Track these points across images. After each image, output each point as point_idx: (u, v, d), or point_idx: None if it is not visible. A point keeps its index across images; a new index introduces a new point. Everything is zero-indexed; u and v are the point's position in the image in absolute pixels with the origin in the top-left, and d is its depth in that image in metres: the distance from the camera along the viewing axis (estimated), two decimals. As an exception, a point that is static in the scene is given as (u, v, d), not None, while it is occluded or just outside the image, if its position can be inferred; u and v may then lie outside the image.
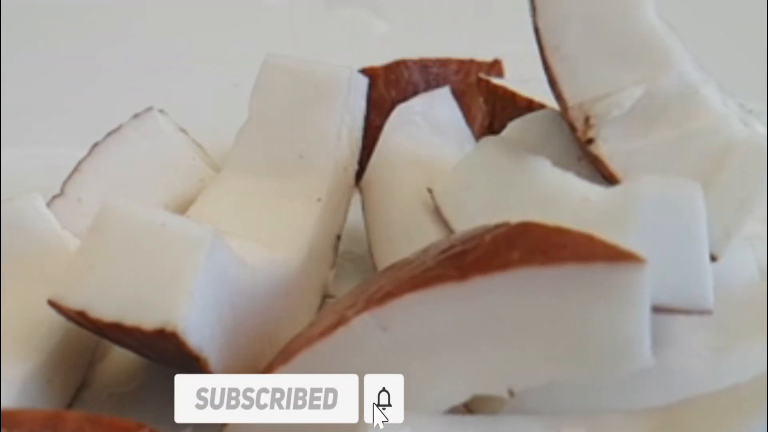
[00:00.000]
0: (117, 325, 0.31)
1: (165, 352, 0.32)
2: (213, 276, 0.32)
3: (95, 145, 0.45)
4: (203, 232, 0.32)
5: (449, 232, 0.38)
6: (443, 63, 0.52)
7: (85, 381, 0.37)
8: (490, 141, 0.39)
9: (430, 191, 0.40)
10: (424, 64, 0.51)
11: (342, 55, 0.46)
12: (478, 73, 0.50)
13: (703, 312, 0.32)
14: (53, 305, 0.32)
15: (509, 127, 0.41)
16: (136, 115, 0.47)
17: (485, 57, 0.53)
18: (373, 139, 0.44)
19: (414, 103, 0.45)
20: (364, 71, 0.47)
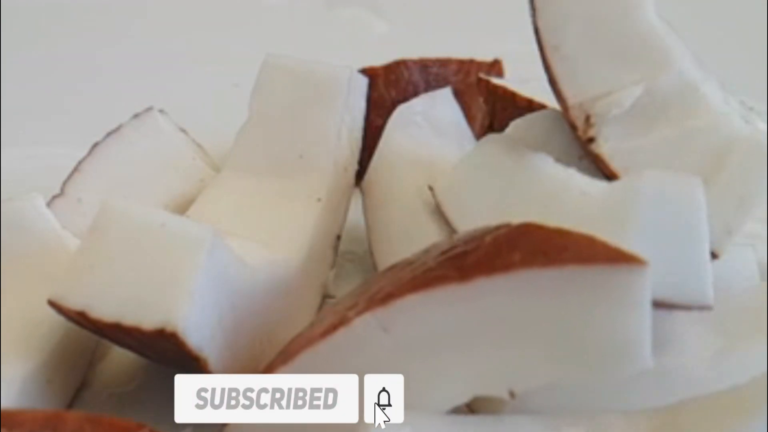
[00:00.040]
0: (117, 325, 0.31)
1: (165, 352, 0.32)
2: (213, 276, 0.32)
3: (95, 145, 0.45)
4: (203, 232, 0.32)
5: (450, 232, 0.38)
6: (443, 63, 0.52)
7: (85, 381, 0.37)
8: (491, 138, 0.39)
9: (430, 188, 0.40)
10: (424, 64, 0.51)
11: (342, 55, 0.46)
12: (478, 73, 0.50)
13: (703, 308, 0.32)
14: (53, 305, 0.32)
15: (510, 127, 0.41)
16: (136, 115, 0.47)
17: (485, 57, 0.53)
18: (373, 139, 0.44)
19: (415, 104, 0.45)
20: (364, 71, 0.47)
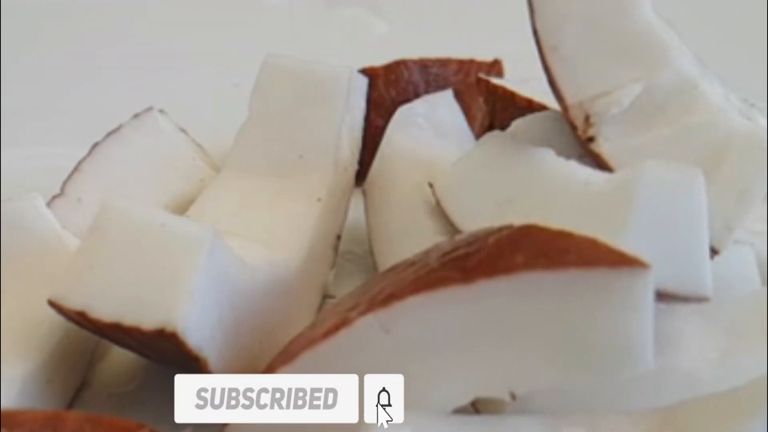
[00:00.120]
0: (117, 325, 0.31)
1: (165, 352, 0.32)
2: (213, 276, 0.31)
3: (95, 145, 0.45)
4: (203, 232, 0.32)
5: (451, 233, 0.38)
6: (443, 63, 0.52)
7: (85, 381, 0.37)
8: (492, 136, 0.39)
9: (430, 186, 0.40)
10: (424, 64, 0.51)
11: (342, 55, 0.46)
12: (478, 73, 0.50)
13: (701, 299, 0.31)
14: (53, 305, 0.32)
15: (511, 127, 0.41)
16: (136, 115, 0.47)
17: (485, 57, 0.53)
18: (373, 139, 0.44)
19: (416, 105, 0.45)
20: (364, 71, 0.47)
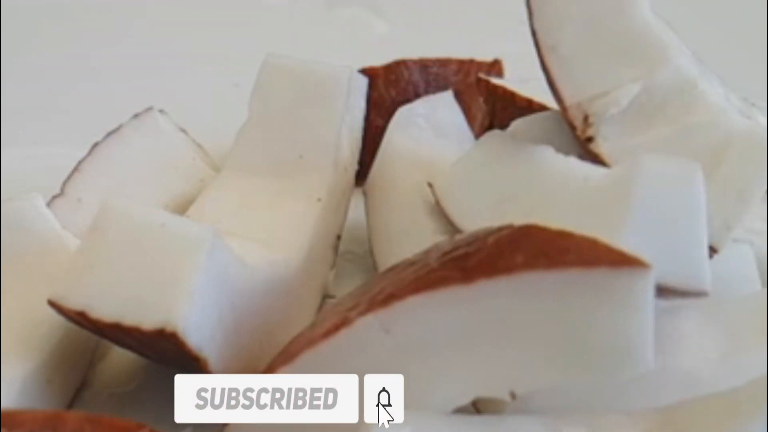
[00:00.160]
0: (117, 325, 0.31)
1: (165, 352, 0.32)
2: (213, 276, 0.31)
3: (95, 145, 0.45)
4: (203, 232, 0.32)
5: (451, 233, 0.38)
6: (443, 63, 0.52)
7: (85, 381, 0.37)
8: (492, 135, 0.39)
9: (430, 185, 0.40)
10: (424, 64, 0.51)
11: (342, 55, 0.46)
12: (478, 73, 0.50)
13: (700, 293, 0.31)
14: (53, 305, 0.32)
15: (511, 127, 0.41)
16: (136, 115, 0.47)
17: (485, 57, 0.53)
18: (374, 139, 0.44)
19: (417, 106, 0.45)
20: (364, 71, 0.47)
